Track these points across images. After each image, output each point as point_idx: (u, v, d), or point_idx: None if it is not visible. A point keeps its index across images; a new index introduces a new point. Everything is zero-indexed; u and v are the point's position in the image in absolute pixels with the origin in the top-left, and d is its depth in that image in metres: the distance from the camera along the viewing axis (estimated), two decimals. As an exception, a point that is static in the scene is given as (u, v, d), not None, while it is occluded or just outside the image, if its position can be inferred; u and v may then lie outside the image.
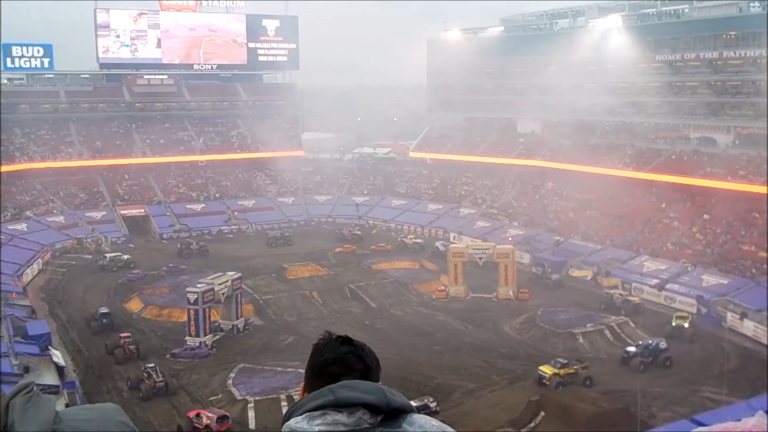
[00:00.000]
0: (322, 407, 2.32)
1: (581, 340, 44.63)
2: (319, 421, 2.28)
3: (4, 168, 79.70)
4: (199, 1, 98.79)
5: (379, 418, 2.29)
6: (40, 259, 65.61)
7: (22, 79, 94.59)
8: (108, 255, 66.93)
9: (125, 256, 66.56)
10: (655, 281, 56.10)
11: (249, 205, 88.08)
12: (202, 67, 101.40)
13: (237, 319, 47.52)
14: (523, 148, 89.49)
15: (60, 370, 38.26)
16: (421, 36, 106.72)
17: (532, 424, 32.43)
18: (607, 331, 45.81)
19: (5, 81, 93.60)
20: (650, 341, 41.37)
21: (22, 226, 72.45)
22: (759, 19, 66.46)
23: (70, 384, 36.68)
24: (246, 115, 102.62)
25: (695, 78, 74.03)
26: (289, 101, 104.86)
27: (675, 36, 75.31)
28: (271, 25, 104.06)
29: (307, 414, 2.31)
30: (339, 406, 2.31)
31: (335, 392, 2.34)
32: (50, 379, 36.62)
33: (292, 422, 2.34)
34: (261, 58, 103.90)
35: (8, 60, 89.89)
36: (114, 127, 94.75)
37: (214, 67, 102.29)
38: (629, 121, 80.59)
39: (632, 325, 46.70)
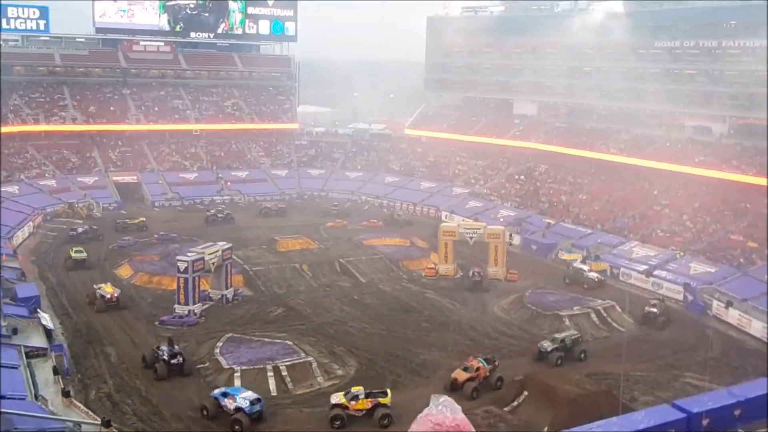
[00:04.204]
0: None
1: (567, 322, 44.92)
2: None
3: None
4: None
5: None
6: (31, 222, 65.57)
7: (17, 40, 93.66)
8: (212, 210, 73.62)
9: (227, 212, 72.22)
10: (643, 267, 56.39)
11: (242, 176, 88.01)
12: (199, 35, 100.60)
13: (226, 289, 47.64)
14: (518, 130, 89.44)
15: (48, 333, 38.35)
16: (421, 12, 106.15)
17: (515, 403, 32.76)
18: (593, 315, 46.09)
19: (0, 42, 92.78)
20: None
21: (13, 189, 72.32)
22: (759, 9, 66.27)
23: (58, 347, 36.77)
24: (242, 86, 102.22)
25: (693, 66, 73.88)
26: (285, 73, 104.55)
27: (675, 23, 75.02)
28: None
29: None
30: None
31: None
32: (38, 341, 36.70)
33: None
34: (259, 28, 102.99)
35: (3, 21, 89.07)
36: (108, 92, 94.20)
37: (211, 36, 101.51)
38: (625, 107, 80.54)
39: (618, 309, 47.02)
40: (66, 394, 31.05)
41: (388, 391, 32.15)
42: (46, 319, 39.87)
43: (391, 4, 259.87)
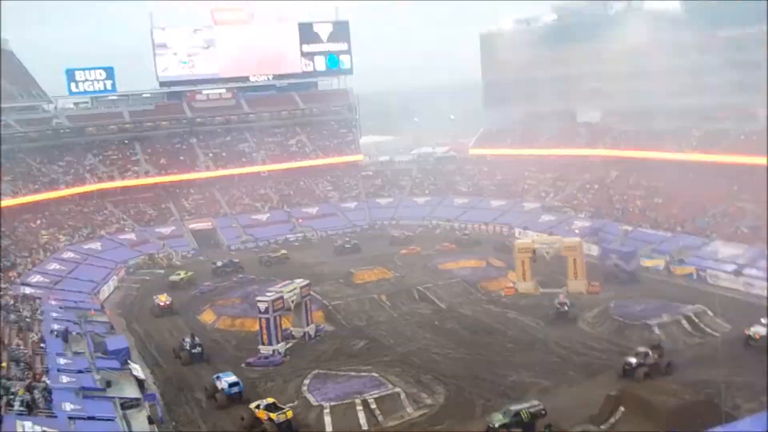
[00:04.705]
0: None
1: (657, 331, 43.51)
2: None
3: (77, 189, 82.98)
4: (251, 14, 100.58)
5: None
6: (115, 276, 67.61)
7: (87, 102, 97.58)
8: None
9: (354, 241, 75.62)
10: (731, 267, 54.33)
11: (312, 212, 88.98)
12: (258, 78, 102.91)
13: (308, 325, 47.91)
14: (584, 138, 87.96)
15: (140, 383, 39.17)
16: (473, 32, 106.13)
17: (612, 420, 31.70)
18: (684, 321, 44.49)
19: (71, 105, 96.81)
20: None
21: (96, 246, 74.83)
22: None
23: (150, 396, 37.49)
24: (304, 123, 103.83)
25: (760, 53, 71.33)
26: (345, 106, 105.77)
27: (736, 9, 72.66)
28: (323, 30, 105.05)
29: None
30: None
31: None
32: (131, 392, 37.50)
33: None
34: (316, 65, 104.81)
35: (72, 84, 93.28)
36: (177, 143, 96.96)
37: (270, 77, 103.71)
38: (693, 103, 78.24)
39: (710, 314, 45.30)
40: (162, 442, 31.64)
41: (288, 412, 33.78)
42: (137, 369, 40.79)
43: (443, 27, 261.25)
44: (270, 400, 35.22)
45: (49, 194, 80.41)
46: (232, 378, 38.46)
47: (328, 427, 34.10)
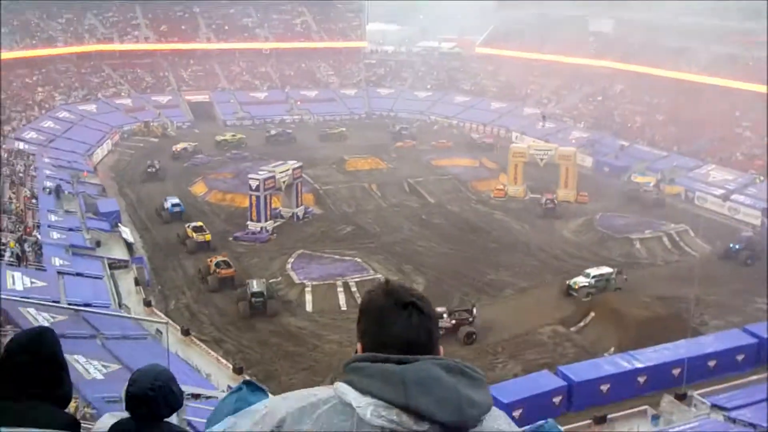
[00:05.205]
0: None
1: (638, 245, 44.42)
2: (384, 414, 2.15)
3: (75, 49, 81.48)
4: None
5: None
6: (109, 140, 67.53)
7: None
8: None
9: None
10: (720, 191, 54.88)
11: (311, 95, 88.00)
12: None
13: (297, 207, 48.55)
14: (593, 48, 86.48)
15: (129, 246, 40.08)
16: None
17: (581, 324, 32.89)
18: (665, 238, 45.39)
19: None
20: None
21: (92, 107, 74.37)
22: None
23: (138, 259, 38.46)
24: (310, 3, 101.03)
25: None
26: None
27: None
28: None
29: (373, 400, 2.18)
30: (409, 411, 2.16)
31: (409, 396, 2.15)
32: (120, 253, 38.47)
33: (353, 400, 2.19)
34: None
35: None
36: (179, 11, 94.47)
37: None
38: (707, 23, 76.59)
39: (692, 234, 46.10)
40: (147, 303, 32.72)
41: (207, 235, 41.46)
42: (126, 232, 41.61)
43: None
44: (199, 223, 42.98)
45: (47, 51, 79.10)
46: (176, 200, 46.99)
47: (308, 305, 35.23)
